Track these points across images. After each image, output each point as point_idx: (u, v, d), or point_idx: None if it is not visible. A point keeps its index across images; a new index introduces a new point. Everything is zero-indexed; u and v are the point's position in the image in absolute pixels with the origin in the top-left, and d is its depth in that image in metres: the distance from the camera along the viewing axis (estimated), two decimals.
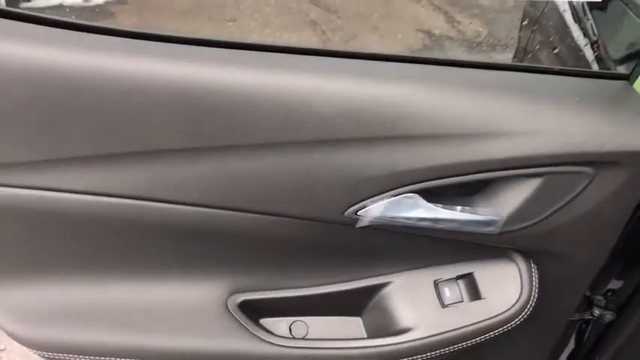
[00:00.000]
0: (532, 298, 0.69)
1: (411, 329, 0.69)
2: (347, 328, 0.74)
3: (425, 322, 0.69)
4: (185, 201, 0.59)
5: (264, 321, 0.73)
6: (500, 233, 0.63)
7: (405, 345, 0.68)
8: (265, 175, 0.57)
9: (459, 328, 0.68)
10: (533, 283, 0.69)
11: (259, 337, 0.68)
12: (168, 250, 0.66)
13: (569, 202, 0.61)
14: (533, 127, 0.57)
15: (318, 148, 0.56)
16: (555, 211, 0.62)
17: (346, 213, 0.60)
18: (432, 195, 0.61)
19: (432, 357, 0.69)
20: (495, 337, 0.69)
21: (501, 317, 0.68)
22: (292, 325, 0.74)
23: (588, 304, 1.03)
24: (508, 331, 0.69)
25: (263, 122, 0.55)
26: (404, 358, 0.68)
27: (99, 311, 0.67)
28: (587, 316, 1.00)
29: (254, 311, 0.71)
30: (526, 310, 0.68)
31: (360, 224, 0.60)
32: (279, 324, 0.74)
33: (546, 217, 0.62)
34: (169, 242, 0.64)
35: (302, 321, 0.75)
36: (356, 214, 0.59)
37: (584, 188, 0.60)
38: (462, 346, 0.68)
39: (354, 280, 0.72)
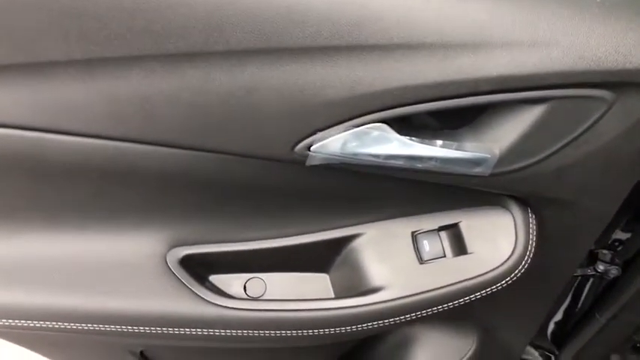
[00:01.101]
0: (528, 253, 0.58)
1: (384, 288, 0.58)
2: (311, 287, 0.64)
3: (400, 280, 0.58)
4: (98, 133, 0.47)
5: (214, 278, 0.63)
6: (492, 175, 0.51)
7: (377, 306, 0.58)
8: (189, 99, 0.45)
9: (440, 288, 0.57)
10: (531, 236, 0.58)
11: (203, 298, 0.58)
12: (86, 195, 0.54)
13: (579, 136, 0.48)
14: (537, 37, 0.43)
15: (254, 60, 0.43)
16: (561, 148, 0.49)
17: (297, 149, 0.47)
18: (405, 126, 0.48)
19: (407, 320, 0.59)
20: (482, 298, 0.59)
21: (490, 275, 0.57)
22: (247, 283, 0.64)
23: (591, 258, 0.93)
24: (498, 291, 0.59)
25: (181, 24, 0.41)
26: (375, 321, 0.59)
27: (13, 270, 0.57)
28: (589, 272, 0.91)
29: (200, 268, 0.61)
30: (520, 267, 0.58)
31: (312, 162, 0.48)
32: (231, 282, 0.64)
33: (550, 155, 0.50)
34: (86, 185, 0.53)
35: (259, 278, 0.64)
36: (309, 149, 0.48)
37: (600, 118, 0.47)
38: (443, 308, 0.59)
39: (318, 231, 0.60)
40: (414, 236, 0.60)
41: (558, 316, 1.13)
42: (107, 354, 0.67)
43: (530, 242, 0.58)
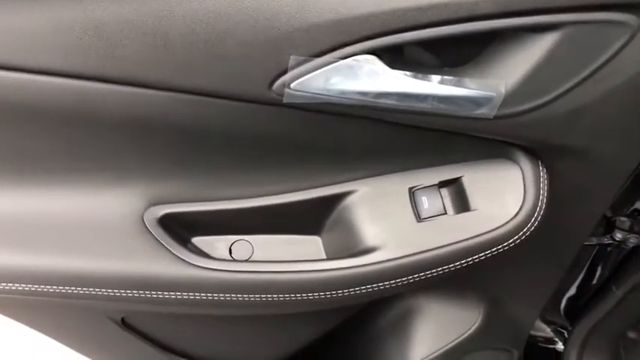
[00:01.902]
0: (538, 210, 0.52)
1: (379, 248, 0.53)
2: (302, 250, 0.59)
3: (396, 239, 0.53)
4: (50, 68, 0.42)
5: (197, 240, 0.59)
6: (497, 118, 0.45)
7: (371, 268, 0.53)
8: (152, 27, 0.39)
9: (440, 247, 0.52)
10: (541, 191, 0.52)
11: (183, 259, 0.54)
12: (50, 146, 0.50)
13: (597, 70, 0.42)
14: None
15: None
16: (576, 85, 0.43)
17: (274, 87, 0.42)
18: (397, 60, 0.42)
19: (405, 283, 0.54)
20: (487, 261, 0.54)
21: (496, 234, 0.52)
22: (233, 245, 0.60)
23: (608, 225, 0.87)
24: (504, 253, 0.54)
25: None
26: (370, 284, 0.54)
27: None
28: (606, 240, 0.85)
29: (181, 228, 0.57)
30: (529, 225, 0.52)
31: (292, 100, 0.43)
32: (216, 244, 0.59)
33: (563, 94, 0.44)
34: (48, 133, 0.48)
35: (245, 240, 0.60)
36: (288, 87, 0.42)
37: (622, 48, 0.41)
38: (444, 270, 0.53)
39: (307, 189, 0.56)
40: (412, 192, 0.55)
41: (572, 292, 1.07)
42: (87, 321, 0.63)
43: (541, 198, 0.52)
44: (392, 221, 0.54)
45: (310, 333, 0.70)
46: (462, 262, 0.53)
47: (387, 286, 0.54)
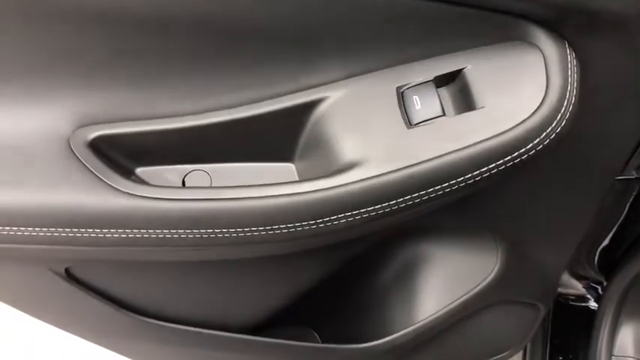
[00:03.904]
0: (566, 105, 0.40)
1: (359, 164, 0.42)
2: (271, 180, 0.48)
3: (380, 152, 0.41)
4: None
5: (142, 172, 0.49)
6: None
7: (350, 188, 0.41)
8: None
9: (436, 159, 0.40)
10: (569, 79, 0.40)
11: (117, 189, 0.44)
12: None
13: None
14: None
15: None
16: None
17: None
18: None
19: (396, 208, 0.43)
20: (500, 177, 0.42)
21: (511, 137, 0.39)
22: (187, 177, 0.49)
23: None
24: (522, 164, 0.42)
25: None
26: (353, 209, 0.43)
27: None
28: None
29: (121, 156, 0.47)
30: (554, 125, 0.40)
31: None
32: (165, 175, 0.49)
33: None
34: None
35: (202, 170, 0.49)
36: None
37: None
38: (443, 190, 0.42)
39: (270, 98, 0.45)
40: (400, 93, 0.43)
41: (607, 243, 0.94)
42: (27, 275, 0.54)
43: (569, 89, 0.40)
44: (375, 130, 0.42)
45: (294, 287, 0.60)
46: (467, 176, 0.41)
47: (374, 214, 0.43)
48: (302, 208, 0.42)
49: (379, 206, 0.42)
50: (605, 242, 0.92)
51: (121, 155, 0.47)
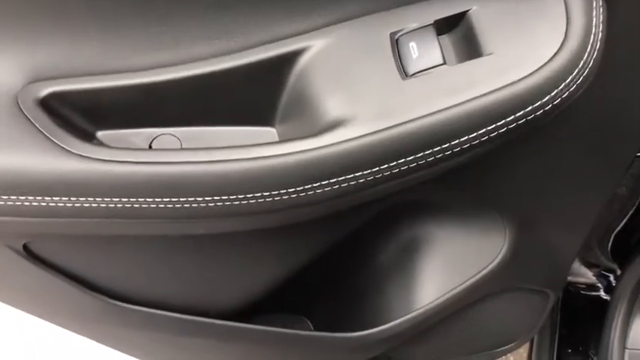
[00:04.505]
0: (589, 51, 0.34)
1: (345, 122, 0.36)
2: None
3: (370, 107, 0.35)
4: None
5: (105, 135, 0.44)
6: None
7: (336, 149, 0.35)
8: None
9: (435, 113, 0.34)
10: (594, 22, 0.34)
11: (70, 151, 0.38)
12: None
13: None
14: None
15: None
16: None
17: None
18: None
19: (389, 173, 0.37)
20: (507, 132, 0.36)
21: (523, 87, 0.33)
22: (154, 141, 0.44)
23: None
24: (536, 121, 0.36)
25: None
26: (339, 175, 0.36)
27: None
28: None
29: (80, 117, 0.41)
30: (575, 74, 0.34)
31: None
32: (130, 139, 0.44)
33: None
34: None
35: (171, 134, 0.44)
36: None
37: None
38: (443, 152, 0.35)
39: (244, 49, 0.39)
40: (395, 39, 0.37)
41: (621, 227, 0.89)
42: None
43: (594, 32, 0.34)
44: (366, 83, 0.37)
45: (281, 267, 0.54)
46: (472, 135, 0.35)
47: (363, 180, 0.38)
48: (281, 173, 0.37)
49: (370, 171, 0.36)
50: (619, 227, 0.87)
51: (79, 116, 0.41)
